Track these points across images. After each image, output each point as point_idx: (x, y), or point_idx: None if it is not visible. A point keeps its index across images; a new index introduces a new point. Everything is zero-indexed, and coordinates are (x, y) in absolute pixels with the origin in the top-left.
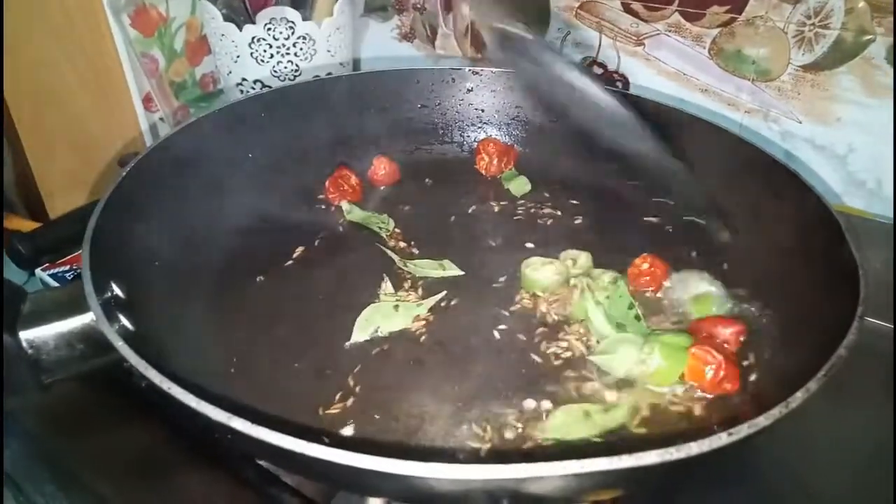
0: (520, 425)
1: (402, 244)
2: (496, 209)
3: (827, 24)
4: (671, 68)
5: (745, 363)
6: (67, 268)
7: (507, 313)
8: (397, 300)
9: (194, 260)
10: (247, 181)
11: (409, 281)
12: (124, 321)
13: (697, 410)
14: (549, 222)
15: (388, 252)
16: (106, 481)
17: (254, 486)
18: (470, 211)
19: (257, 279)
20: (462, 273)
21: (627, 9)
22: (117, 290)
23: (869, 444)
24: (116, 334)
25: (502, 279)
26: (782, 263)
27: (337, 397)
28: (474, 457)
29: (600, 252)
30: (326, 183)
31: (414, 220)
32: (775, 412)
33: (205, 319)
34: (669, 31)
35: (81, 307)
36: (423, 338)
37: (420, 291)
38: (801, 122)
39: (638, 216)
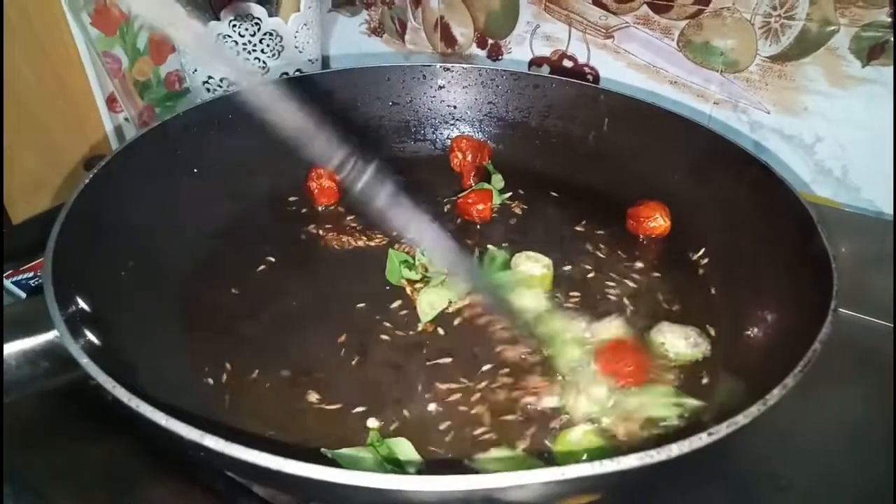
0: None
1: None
2: None
3: (792, 14)
4: (641, 61)
5: (717, 362)
6: (31, 274)
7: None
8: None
9: (164, 267)
10: (216, 185)
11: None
12: (90, 336)
13: None
14: (523, 220)
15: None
16: (70, 497)
17: (224, 498)
18: (446, 210)
19: (231, 288)
20: None
21: (596, 1)
22: (82, 304)
23: (840, 435)
24: (82, 350)
25: None
26: (753, 256)
27: (314, 406)
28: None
29: (571, 253)
30: (310, 184)
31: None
32: (753, 410)
33: (175, 329)
34: (638, 23)
35: (45, 323)
36: (401, 341)
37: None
38: (769, 113)
39: (608, 214)
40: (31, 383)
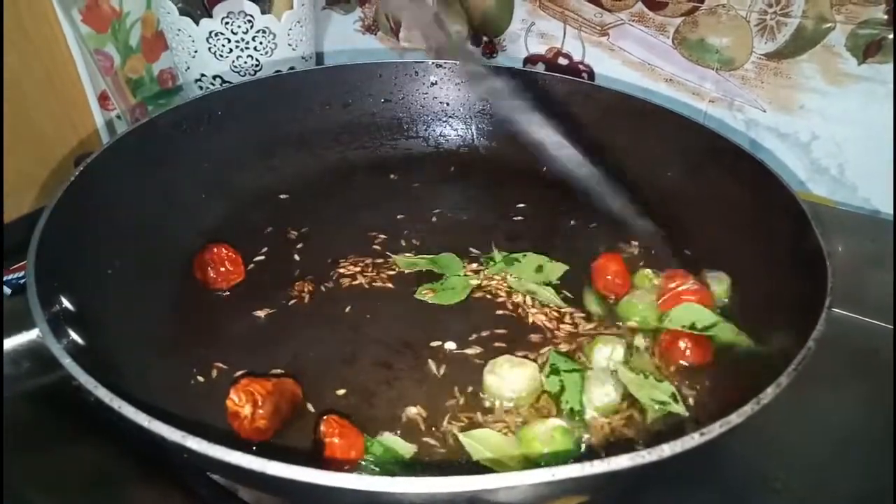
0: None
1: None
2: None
3: (788, 12)
4: (636, 58)
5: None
6: (21, 274)
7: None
8: None
9: (152, 266)
10: (205, 181)
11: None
12: (74, 336)
13: None
14: (519, 218)
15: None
16: (54, 500)
17: (208, 502)
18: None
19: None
20: None
21: None
22: (66, 303)
23: (837, 438)
24: (64, 351)
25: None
26: (748, 253)
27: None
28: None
29: (568, 251)
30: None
31: (394, 218)
32: (747, 409)
33: (163, 329)
34: (633, 20)
35: (27, 323)
36: (393, 341)
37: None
38: (765, 111)
39: (604, 210)
40: (14, 384)
